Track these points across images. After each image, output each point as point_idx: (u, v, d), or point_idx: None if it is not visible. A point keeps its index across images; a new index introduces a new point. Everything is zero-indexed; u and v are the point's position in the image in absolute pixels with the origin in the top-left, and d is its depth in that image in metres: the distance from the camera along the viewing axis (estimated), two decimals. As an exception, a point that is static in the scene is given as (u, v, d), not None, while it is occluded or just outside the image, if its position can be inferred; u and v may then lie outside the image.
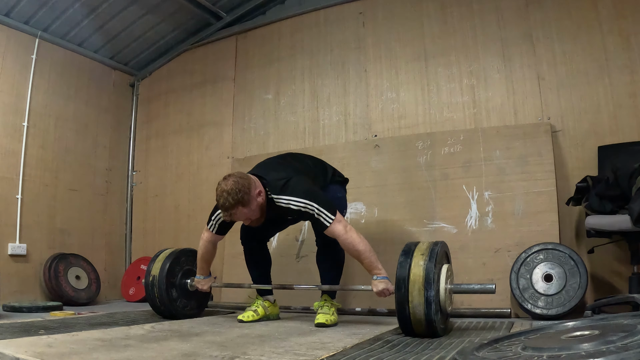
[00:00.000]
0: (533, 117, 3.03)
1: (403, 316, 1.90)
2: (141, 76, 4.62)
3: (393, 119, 3.44)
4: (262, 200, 2.21)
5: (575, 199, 2.59)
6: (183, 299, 2.67)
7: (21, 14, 3.60)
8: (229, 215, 2.17)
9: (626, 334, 1.06)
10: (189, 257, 2.74)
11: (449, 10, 3.36)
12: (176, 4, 3.89)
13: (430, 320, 1.86)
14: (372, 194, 3.25)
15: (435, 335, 1.90)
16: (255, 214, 2.21)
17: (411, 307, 1.87)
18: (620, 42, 2.85)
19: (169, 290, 2.57)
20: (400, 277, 1.91)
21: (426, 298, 1.85)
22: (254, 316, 2.49)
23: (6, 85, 3.55)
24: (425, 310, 1.85)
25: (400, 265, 1.94)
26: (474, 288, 2.03)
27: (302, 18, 3.92)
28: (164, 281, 2.54)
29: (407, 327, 1.92)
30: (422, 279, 1.87)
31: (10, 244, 3.45)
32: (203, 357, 1.48)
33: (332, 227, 2.15)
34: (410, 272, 1.90)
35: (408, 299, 1.88)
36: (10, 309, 3.01)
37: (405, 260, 1.95)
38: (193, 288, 2.64)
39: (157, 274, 2.57)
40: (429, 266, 1.89)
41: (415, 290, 1.87)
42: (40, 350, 1.53)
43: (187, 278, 2.68)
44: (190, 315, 2.70)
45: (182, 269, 2.68)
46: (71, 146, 4.01)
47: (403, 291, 1.89)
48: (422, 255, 1.94)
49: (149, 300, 2.65)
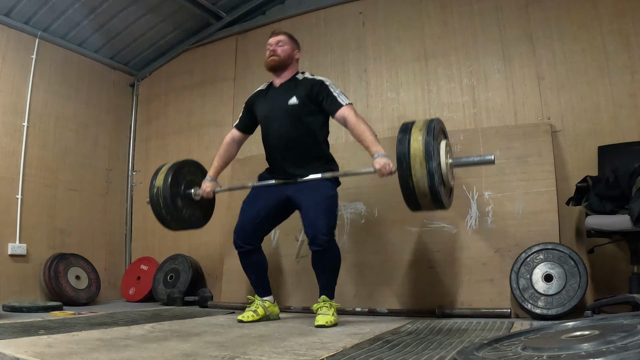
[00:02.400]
0: (533, 117, 3.03)
1: (407, 191, 1.96)
2: (141, 76, 4.62)
3: (393, 119, 3.44)
4: (295, 57, 2.60)
5: (575, 199, 2.59)
6: (188, 209, 2.67)
7: (21, 14, 3.60)
8: (276, 32, 2.58)
9: (626, 334, 1.06)
10: (191, 168, 2.77)
11: (449, 10, 3.36)
12: (176, 4, 3.90)
13: (435, 192, 1.92)
14: (372, 194, 3.25)
15: (441, 207, 1.99)
16: (284, 50, 2.53)
17: (415, 180, 1.93)
18: (620, 42, 2.85)
19: (174, 199, 2.58)
20: (401, 153, 1.97)
21: (428, 170, 1.90)
22: (254, 316, 2.48)
23: (6, 85, 3.55)
24: (429, 182, 1.91)
25: (400, 142, 1.99)
26: (473, 160, 2.13)
27: (302, 18, 3.92)
28: (169, 191, 2.56)
29: (413, 202, 1.99)
30: (422, 152, 1.92)
31: (10, 244, 3.45)
32: (203, 357, 1.48)
33: (345, 108, 2.37)
34: (410, 147, 1.96)
35: (411, 173, 1.93)
36: (10, 309, 3.01)
37: (404, 137, 2.00)
38: (197, 197, 2.66)
39: (160, 184, 2.58)
40: (428, 140, 1.94)
41: (417, 164, 1.93)
42: (40, 350, 1.53)
43: (190, 188, 2.69)
44: (195, 224, 2.73)
45: (185, 179, 2.70)
46: (71, 146, 4.01)
47: (405, 167, 1.95)
48: (420, 131, 1.99)
49: (155, 214, 2.66)
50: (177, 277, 3.78)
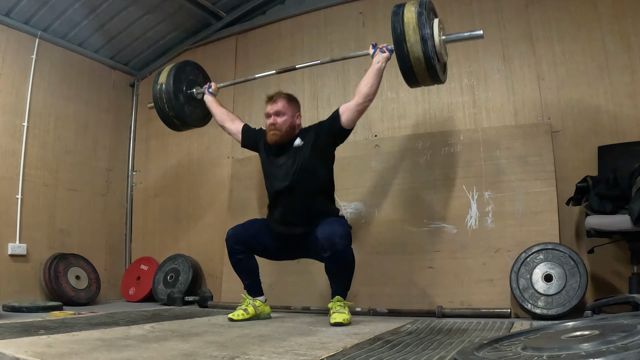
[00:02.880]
0: (533, 117, 3.03)
1: (402, 57, 2.10)
2: (141, 76, 4.62)
3: (393, 119, 3.44)
4: (297, 122, 2.56)
5: (575, 199, 2.59)
6: (190, 106, 2.87)
7: (21, 14, 3.60)
8: (273, 96, 2.52)
9: (626, 334, 1.06)
10: (193, 68, 2.97)
11: (449, 10, 3.36)
12: (176, 4, 3.89)
13: (428, 58, 2.05)
14: (372, 194, 3.25)
15: (435, 77, 2.12)
16: (285, 120, 2.49)
17: (409, 46, 2.08)
18: (620, 42, 2.85)
19: (177, 94, 2.76)
20: (396, 24, 2.12)
21: (422, 36, 2.05)
22: (244, 315, 2.50)
23: (6, 85, 3.55)
24: (423, 47, 2.05)
25: (394, 14, 2.17)
26: (463, 35, 2.29)
27: (302, 18, 3.92)
28: (172, 87, 2.73)
29: (408, 69, 2.12)
30: (415, 20, 2.09)
31: (10, 244, 3.45)
32: (203, 357, 1.48)
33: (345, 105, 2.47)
34: (403, 16, 2.13)
35: (405, 39, 2.08)
36: (10, 309, 3.01)
37: (397, 12, 2.17)
38: (199, 96, 2.86)
39: (164, 81, 2.77)
40: (420, 10, 2.12)
41: (410, 30, 2.08)
42: (40, 350, 1.53)
43: (192, 87, 2.90)
44: (195, 122, 2.94)
45: (187, 78, 2.90)
46: (71, 146, 4.01)
47: (399, 32, 2.10)
48: (413, 5, 2.16)
49: (158, 111, 2.85)
50: (177, 277, 3.78)
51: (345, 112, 2.46)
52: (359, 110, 2.45)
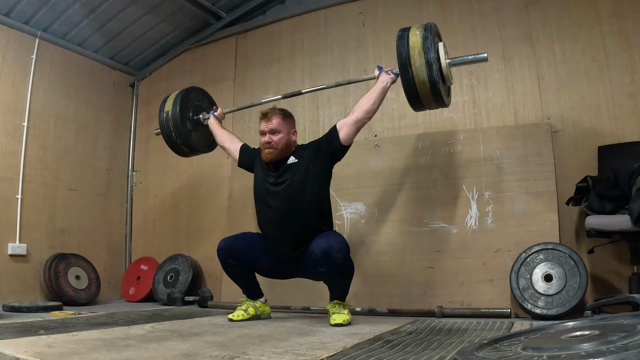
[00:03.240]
0: (533, 117, 3.03)
1: (408, 82, 2.12)
2: (141, 76, 4.62)
3: (393, 118, 3.44)
4: (293, 138, 2.47)
5: (575, 199, 2.59)
6: (197, 132, 2.87)
7: (21, 14, 3.60)
8: (266, 113, 2.42)
9: (626, 334, 1.06)
10: (198, 94, 2.96)
11: (449, 10, 3.36)
12: (176, 4, 3.90)
13: (433, 82, 2.06)
14: (372, 194, 3.25)
15: (440, 101, 2.14)
16: (280, 138, 2.40)
17: (414, 69, 2.09)
18: (620, 42, 2.85)
19: (184, 121, 2.76)
20: (401, 48, 2.14)
21: (427, 60, 2.06)
22: (244, 315, 2.50)
23: (6, 85, 3.55)
24: (428, 71, 2.06)
25: (399, 38, 2.18)
26: (467, 58, 2.30)
27: (302, 18, 3.92)
28: (178, 115, 2.72)
29: (413, 93, 2.13)
30: (420, 44, 2.10)
31: (10, 244, 3.45)
32: (203, 357, 1.48)
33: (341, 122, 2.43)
34: (409, 40, 2.14)
35: (410, 62, 2.09)
36: (10, 309, 3.01)
37: (403, 37, 2.18)
38: (206, 121, 2.84)
39: (170, 109, 2.75)
40: (425, 34, 2.13)
41: (416, 54, 2.09)
42: (40, 350, 1.53)
43: (199, 113, 2.89)
44: (202, 148, 2.96)
45: (193, 104, 2.89)
46: (71, 146, 4.01)
47: (404, 56, 2.11)
48: (417, 29, 2.18)
49: (165, 138, 2.85)
50: (177, 277, 3.78)
51: (343, 127, 2.41)
52: (358, 126, 2.41)
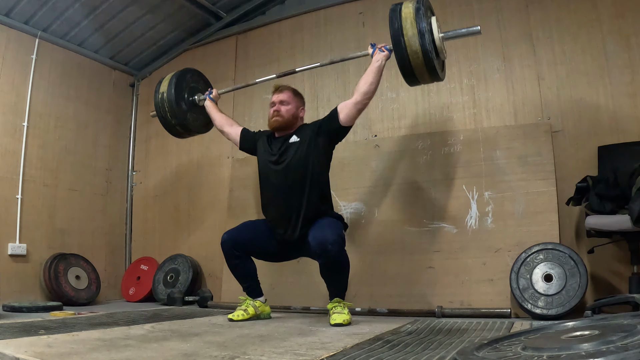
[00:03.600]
0: (533, 117, 3.03)
1: (400, 52, 2.08)
2: (141, 76, 4.62)
3: (393, 119, 3.44)
4: (300, 114, 2.62)
5: (575, 199, 2.59)
6: (192, 113, 2.85)
7: (21, 14, 3.60)
8: (278, 87, 2.61)
9: (626, 334, 1.06)
10: (194, 75, 2.94)
11: (449, 10, 3.36)
12: (176, 4, 3.89)
13: (426, 52, 2.02)
14: (372, 194, 3.25)
15: (433, 73, 2.09)
16: (288, 109, 2.55)
17: (406, 39, 2.05)
18: (620, 42, 2.85)
19: (179, 102, 2.73)
20: (394, 19, 2.11)
21: (419, 29, 2.03)
22: (244, 315, 2.50)
23: (6, 85, 3.55)
24: (420, 40, 2.02)
25: (392, 11, 2.16)
26: (461, 32, 2.26)
27: (302, 18, 3.92)
28: (174, 95, 2.70)
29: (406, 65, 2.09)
30: (412, 14, 2.08)
31: (10, 244, 3.45)
32: (203, 357, 1.48)
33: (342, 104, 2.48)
34: (401, 12, 2.11)
35: (402, 33, 2.06)
36: (10, 309, 3.01)
37: (395, 7, 2.17)
38: (201, 102, 2.84)
39: (165, 90, 2.73)
40: (417, 5, 2.10)
41: (408, 24, 2.06)
42: (40, 350, 1.53)
43: (194, 94, 2.87)
44: (198, 129, 2.91)
45: (189, 86, 2.87)
46: (71, 146, 4.01)
47: (397, 26, 2.08)
48: (410, 2, 2.16)
49: (161, 120, 2.82)
50: (177, 277, 3.78)
51: (343, 109, 2.46)
52: (358, 108, 2.44)
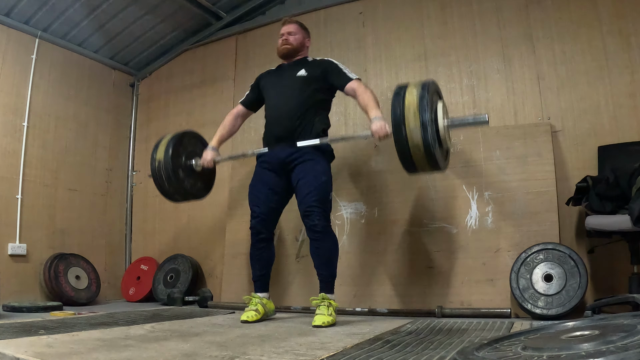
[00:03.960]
0: (533, 117, 3.03)
1: (401, 144, 1.93)
2: (141, 76, 4.62)
3: (393, 119, 3.43)
4: (306, 44, 2.76)
5: (575, 199, 2.59)
6: (190, 179, 2.72)
7: (21, 14, 3.60)
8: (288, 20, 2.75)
9: (626, 334, 1.06)
10: (191, 139, 2.80)
11: (449, 10, 3.36)
12: (176, 4, 3.90)
13: (427, 145, 1.88)
14: (372, 194, 3.25)
15: (435, 166, 1.95)
16: (295, 39, 2.69)
17: (408, 131, 1.90)
18: (620, 42, 2.85)
19: (176, 171, 2.61)
20: (396, 106, 1.97)
21: (422, 122, 1.87)
22: (256, 315, 2.50)
23: (6, 85, 3.55)
24: (422, 134, 1.87)
25: (395, 98, 2.01)
26: (468, 120, 2.14)
27: (302, 18, 3.88)
28: (170, 163, 2.59)
29: (406, 157, 1.95)
30: (416, 103, 1.92)
31: (10, 244, 3.45)
32: (203, 357, 1.48)
33: (354, 82, 2.52)
34: (404, 100, 1.96)
35: (404, 124, 1.91)
36: (10, 309, 3.01)
37: (399, 93, 2.02)
38: (199, 168, 2.71)
39: (162, 157, 2.61)
40: (422, 93, 1.95)
41: (411, 114, 1.91)
42: (40, 350, 1.53)
43: (191, 159, 2.73)
44: (196, 195, 2.77)
45: (186, 150, 2.73)
46: (71, 146, 4.01)
47: (399, 116, 1.93)
48: (415, 87, 2.01)
49: (158, 187, 2.71)
50: (177, 277, 3.78)
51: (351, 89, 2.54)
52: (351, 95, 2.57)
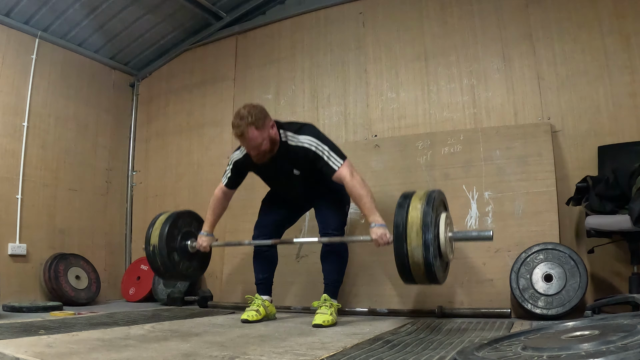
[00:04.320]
0: (533, 117, 3.03)
1: (401, 259, 1.90)
2: (141, 76, 4.62)
3: (393, 119, 3.44)
4: (274, 134, 2.31)
5: (575, 199, 2.59)
6: (185, 261, 2.66)
7: (21, 14, 3.60)
8: (240, 134, 2.22)
9: (626, 334, 1.06)
10: (187, 220, 2.74)
11: (449, 10, 3.36)
12: (176, 4, 3.89)
13: (429, 264, 1.85)
14: (372, 194, 3.24)
15: (434, 281, 1.90)
16: (265, 144, 2.27)
17: (409, 249, 1.87)
18: (620, 42, 2.85)
19: (170, 255, 2.56)
20: (399, 220, 1.92)
21: (424, 241, 1.84)
22: (257, 315, 2.50)
23: (6, 85, 3.55)
24: (424, 253, 1.84)
25: (398, 210, 1.95)
26: (471, 235, 2.08)
27: (302, 18, 3.92)
28: (165, 248, 2.54)
29: (406, 272, 1.92)
30: (419, 221, 1.87)
31: (10, 244, 3.45)
32: (203, 357, 1.48)
33: (340, 171, 2.28)
34: (407, 215, 1.90)
35: (406, 241, 1.87)
36: (10, 309, 3.01)
37: (403, 205, 1.95)
38: (194, 249, 2.65)
39: (156, 242, 2.55)
40: (427, 210, 1.89)
41: (413, 233, 1.87)
42: (40, 350, 1.53)
43: (187, 240, 2.66)
44: (191, 276, 2.73)
45: (181, 232, 2.67)
46: (71, 146, 4.01)
47: (401, 232, 1.89)
48: (420, 200, 1.95)
49: (151, 266, 2.65)
50: (177, 277, 3.78)
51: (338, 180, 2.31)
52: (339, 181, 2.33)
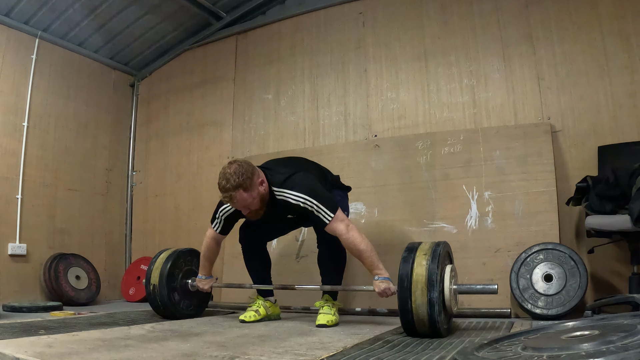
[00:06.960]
0: (533, 117, 3.03)
1: (405, 315, 1.90)
2: (141, 76, 4.62)
3: (393, 119, 3.44)
4: (264, 190, 2.19)
5: (575, 199, 2.59)
6: (185, 300, 2.67)
7: (21, 14, 3.60)
8: (229, 198, 2.11)
9: (626, 334, 1.06)
10: (187, 258, 2.74)
11: (449, 10, 3.36)
12: (176, 4, 3.89)
13: (433, 321, 1.85)
14: (372, 194, 3.25)
15: (438, 336, 1.89)
16: (255, 204, 2.17)
17: (414, 307, 1.87)
18: (620, 42, 2.85)
19: (170, 295, 2.57)
20: (403, 277, 1.91)
21: (429, 299, 1.85)
22: (256, 316, 2.49)
23: (6, 85, 3.55)
24: (429, 310, 1.85)
25: (403, 264, 1.94)
26: (476, 288, 2.05)
27: (302, 18, 3.92)
28: (165, 287, 2.54)
29: (410, 327, 1.92)
30: (424, 279, 1.87)
31: (10, 244, 3.45)
32: (203, 357, 1.48)
33: (332, 225, 2.14)
34: (412, 272, 1.90)
35: (411, 299, 1.87)
36: (10, 309, 3.01)
37: (408, 260, 1.94)
38: (194, 288, 2.64)
39: (157, 282, 2.57)
40: (432, 267, 1.88)
41: (418, 290, 1.87)
42: (40, 350, 1.53)
43: (187, 278, 2.67)
44: (192, 314, 2.71)
45: (182, 271, 2.68)
46: (71, 146, 4.01)
47: (406, 289, 1.89)
48: (425, 255, 1.93)
49: (151, 305, 2.65)
50: (177, 277, 3.78)
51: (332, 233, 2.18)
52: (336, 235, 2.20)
